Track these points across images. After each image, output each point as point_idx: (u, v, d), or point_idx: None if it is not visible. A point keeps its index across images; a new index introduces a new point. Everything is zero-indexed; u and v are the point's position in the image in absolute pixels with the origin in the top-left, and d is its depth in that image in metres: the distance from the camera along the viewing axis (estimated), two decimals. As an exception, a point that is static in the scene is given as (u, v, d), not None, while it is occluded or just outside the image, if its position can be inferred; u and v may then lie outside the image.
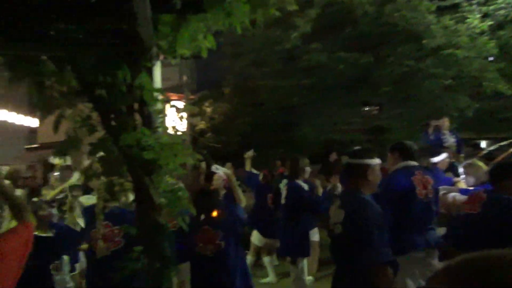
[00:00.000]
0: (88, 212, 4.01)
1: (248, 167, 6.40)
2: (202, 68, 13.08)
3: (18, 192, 7.40)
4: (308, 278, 5.08)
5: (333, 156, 8.01)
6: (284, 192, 4.85)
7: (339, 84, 9.97)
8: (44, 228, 3.80)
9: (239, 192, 3.43)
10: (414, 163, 3.53)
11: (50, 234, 3.81)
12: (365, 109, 11.42)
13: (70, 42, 2.25)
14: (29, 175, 8.56)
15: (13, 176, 7.46)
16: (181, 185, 3.21)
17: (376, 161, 2.59)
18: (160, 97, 2.53)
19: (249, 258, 5.50)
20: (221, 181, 3.92)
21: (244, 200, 3.51)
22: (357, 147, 3.61)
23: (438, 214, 3.61)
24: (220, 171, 4.06)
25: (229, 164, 7.07)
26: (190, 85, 12.21)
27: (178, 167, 2.34)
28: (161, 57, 2.53)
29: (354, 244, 2.23)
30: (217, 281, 3.20)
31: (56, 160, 6.55)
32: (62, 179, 6.44)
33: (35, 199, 5.24)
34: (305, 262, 4.61)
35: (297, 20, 9.91)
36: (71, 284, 4.21)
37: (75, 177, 6.10)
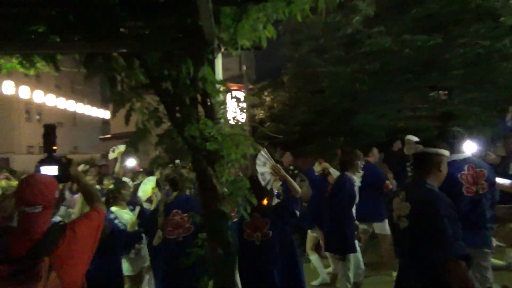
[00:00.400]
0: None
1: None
2: (261, 58, 13.10)
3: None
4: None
5: (398, 145, 7.64)
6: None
7: (404, 68, 9.43)
8: (123, 206, 4.11)
9: (292, 183, 3.38)
10: (465, 155, 3.18)
11: (128, 212, 4.11)
12: (432, 94, 10.71)
13: (139, 38, 2.35)
14: (103, 163, 9.22)
15: (90, 164, 8.10)
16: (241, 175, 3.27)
17: (448, 152, 2.43)
18: (222, 88, 2.58)
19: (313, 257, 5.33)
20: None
21: (299, 190, 3.43)
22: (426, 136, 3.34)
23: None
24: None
25: (288, 154, 7.04)
26: (250, 75, 12.31)
27: (239, 157, 2.37)
28: (222, 49, 2.56)
29: (424, 238, 2.11)
30: (262, 270, 3.20)
31: (112, 154, 7.00)
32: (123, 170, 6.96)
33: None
34: (351, 258, 4.34)
35: (359, 3, 9.51)
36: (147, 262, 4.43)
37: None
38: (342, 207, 4.33)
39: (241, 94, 10.67)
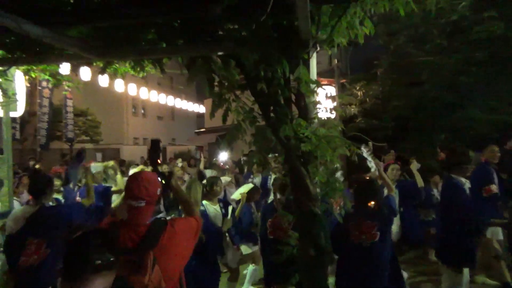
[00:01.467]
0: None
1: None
2: (352, 50, 12.62)
3: (190, 170, 8.61)
4: None
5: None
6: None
7: (518, 57, 8.33)
8: (214, 202, 4.28)
9: (389, 182, 3.18)
10: None
11: (217, 208, 4.28)
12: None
13: (237, 41, 2.41)
14: (197, 156, 9.81)
15: (188, 156, 8.66)
16: (338, 175, 3.18)
17: None
18: (316, 89, 2.54)
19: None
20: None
21: (393, 189, 3.25)
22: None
23: None
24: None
25: (392, 152, 6.70)
26: (341, 68, 11.95)
27: (335, 159, 2.30)
28: (318, 48, 2.51)
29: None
30: (368, 273, 3.08)
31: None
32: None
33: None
34: (467, 273, 3.87)
35: (467, -13, 8.61)
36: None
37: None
38: (458, 214, 3.90)
39: (332, 89, 10.43)
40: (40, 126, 12.44)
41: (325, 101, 10.04)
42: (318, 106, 2.56)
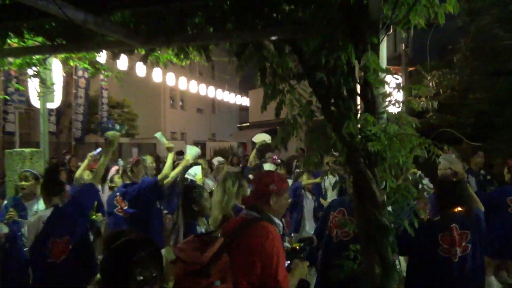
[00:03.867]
0: None
1: None
2: (421, 33, 12.11)
3: (233, 168, 8.72)
4: None
5: None
6: None
7: None
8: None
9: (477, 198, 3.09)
10: None
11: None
12: None
13: (296, 24, 2.39)
14: (240, 154, 9.93)
15: (229, 153, 8.80)
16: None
17: None
18: (387, 78, 2.46)
19: None
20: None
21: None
22: None
23: None
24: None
25: (481, 154, 6.43)
26: (408, 54, 11.54)
27: (410, 163, 2.22)
28: (391, 30, 2.42)
29: None
30: None
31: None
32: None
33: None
34: None
35: None
36: None
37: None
38: None
39: (398, 79, 10.09)
40: (75, 118, 13.19)
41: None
42: (388, 98, 2.47)
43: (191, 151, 5.46)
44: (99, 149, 5.21)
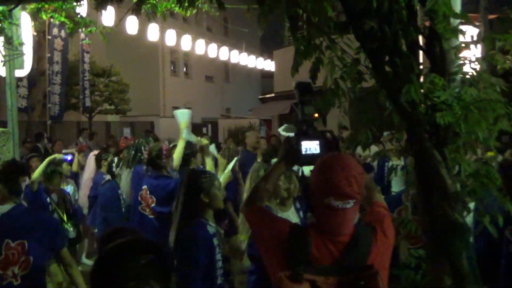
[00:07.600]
0: None
1: None
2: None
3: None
4: None
5: None
6: None
7: None
8: None
9: None
10: None
11: None
12: None
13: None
14: (264, 135, 9.93)
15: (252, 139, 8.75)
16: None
17: None
18: (461, 27, 2.41)
19: None
20: None
21: None
22: None
23: None
24: None
25: None
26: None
27: (493, 139, 2.18)
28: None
29: None
30: None
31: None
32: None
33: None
34: None
35: None
36: None
37: None
38: None
39: (474, 30, 9.94)
40: (50, 90, 13.30)
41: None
42: (463, 54, 2.43)
43: (183, 117, 5.54)
44: (69, 156, 5.30)
